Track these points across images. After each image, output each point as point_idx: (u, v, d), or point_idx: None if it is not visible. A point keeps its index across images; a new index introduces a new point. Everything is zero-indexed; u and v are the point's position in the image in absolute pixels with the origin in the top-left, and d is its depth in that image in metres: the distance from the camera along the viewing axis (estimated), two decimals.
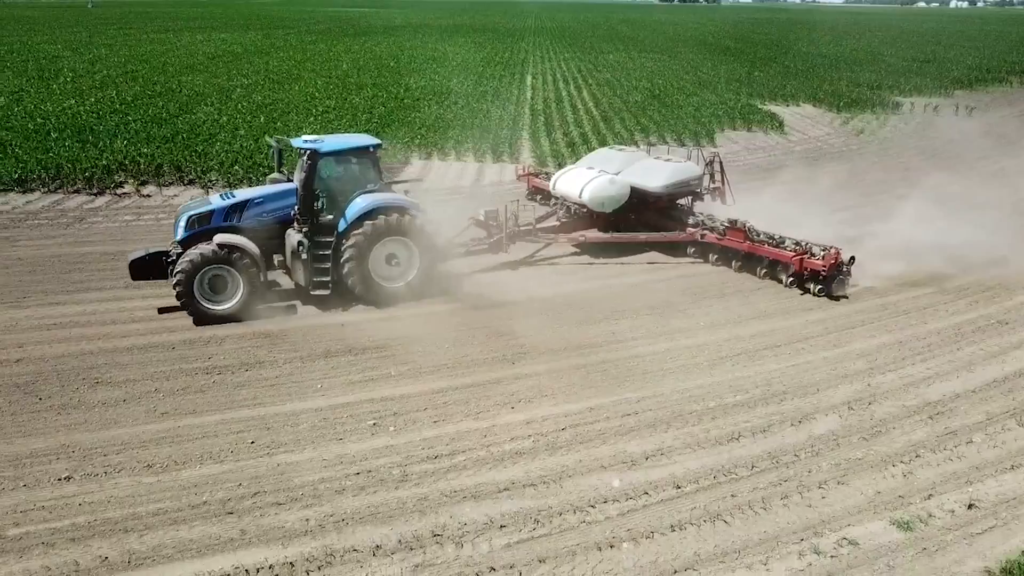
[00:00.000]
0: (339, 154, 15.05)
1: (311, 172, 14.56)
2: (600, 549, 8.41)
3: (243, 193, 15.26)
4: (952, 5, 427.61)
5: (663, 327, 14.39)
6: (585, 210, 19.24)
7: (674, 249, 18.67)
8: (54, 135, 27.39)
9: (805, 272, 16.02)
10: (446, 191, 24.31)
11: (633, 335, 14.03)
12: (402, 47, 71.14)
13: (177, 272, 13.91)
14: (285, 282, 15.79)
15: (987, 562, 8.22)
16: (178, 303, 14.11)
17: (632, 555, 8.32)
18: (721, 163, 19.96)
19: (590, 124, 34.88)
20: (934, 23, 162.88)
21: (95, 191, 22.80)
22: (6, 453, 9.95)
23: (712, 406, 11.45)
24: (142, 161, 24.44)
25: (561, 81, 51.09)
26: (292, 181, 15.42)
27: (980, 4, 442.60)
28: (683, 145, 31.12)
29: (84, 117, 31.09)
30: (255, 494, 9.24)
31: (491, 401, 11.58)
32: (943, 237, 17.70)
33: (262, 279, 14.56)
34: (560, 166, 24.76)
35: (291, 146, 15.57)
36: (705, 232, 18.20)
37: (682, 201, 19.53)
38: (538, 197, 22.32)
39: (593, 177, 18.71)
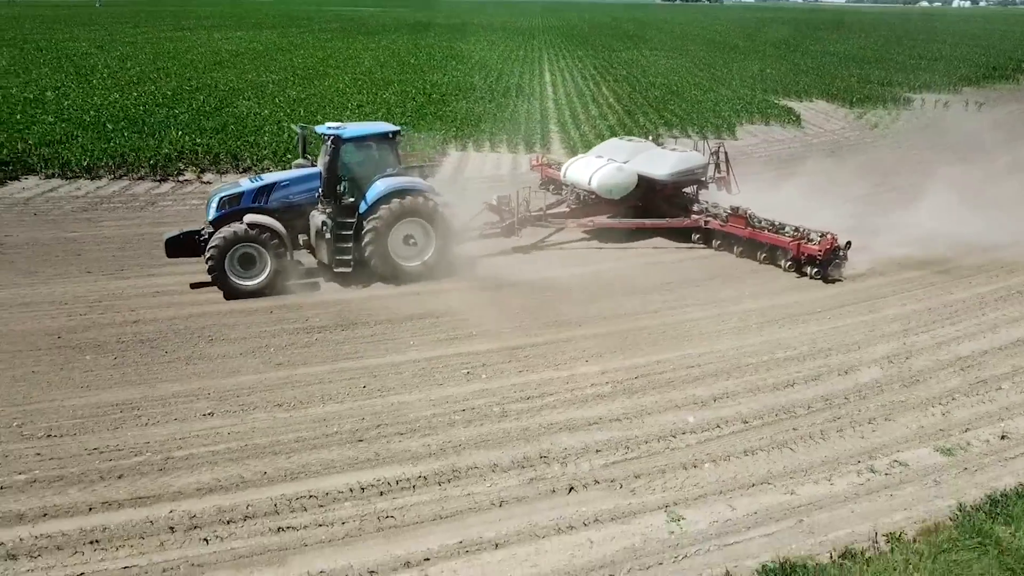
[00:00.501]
0: (360, 140, 15.96)
1: (334, 157, 15.58)
2: (685, 468, 9.75)
3: (271, 176, 16.42)
4: (955, 4, 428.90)
5: (711, 296, 15.72)
6: (594, 197, 19.86)
7: (677, 235, 19.51)
8: (110, 126, 28.78)
9: (802, 257, 16.85)
10: (487, 179, 25.62)
11: (684, 303, 15.37)
12: (418, 45, 72.46)
13: (209, 250, 14.91)
14: (308, 261, 16.72)
15: (1021, 478, 9.54)
16: (210, 278, 15.07)
17: (713, 472, 9.66)
18: (726, 154, 20.82)
19: (615, 117, 36.19)
20: (938, 22, 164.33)
21: (158, 178, 24.17)
22: (151, 395, 11.30)
23: (766, 359, 12.78)
24: (199, 150, 25.81)
25: (579, 78, 52.38)
26: (316, 166, 16.49)
27: (983, 3, 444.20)
28: (705, 138, 32.55)
29: (132, 110, 32.48)
30: (378, 426, 10.58)
31: (566, 355, 12.90)
32: (960, 221, 18.93)
33: (288, 257, 15.57)
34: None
35: (315, 133, 16.62)
36: (709, 219, 19.00)
37: (687, 189, 20.34)
38: (551, 186, 23.04)
39: (602, 165, 19.59)
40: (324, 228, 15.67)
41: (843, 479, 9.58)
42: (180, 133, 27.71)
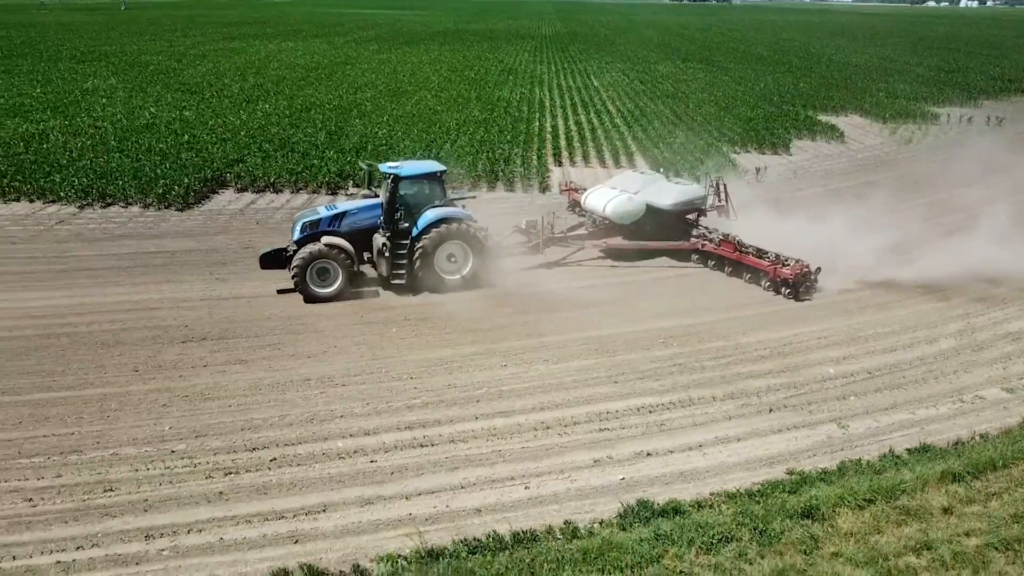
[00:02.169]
0: (414, 178, 19.77)
1: (393, 191, 19.37)
2: (838, 400, 14.80)
3: (343, 205, 20.41)
4: (962, 4, 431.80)
5: (774, 297, 20.45)
6: (608, 222, 23.14)
7: (679, 255, 22.86)
8: (266, 146, 33.86)
9: (778, 279, 20.04)
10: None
11: (774, 301, 20.27)
12: (466, 56, 77.40)
13: (294, 264, 18.83)
14: (370, 273, 20.60)
15: None
16: (293, 286, 19.04)
17: (857, 402, 14.70)
18: (725, 186, 24.16)
19: (683, 135, 41.01)
20: (947, 26, 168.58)
21: (331, 191, 29.22)
22: (359, 368, 16.35)
23: (870, 334, 17.81)
24: (352, 168, 30.86)
25: (632, 93, 57.06)
26: (378, 197, 20.48)
27: (990, 3, 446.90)
28: (763, 153, 37.64)
29: (271, 130, 37.51)
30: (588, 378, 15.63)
31: (712, 334, 17.84)
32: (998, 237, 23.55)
33: (355, 270, 19.57)
34: (675, 172, 31.06)
35: (378, 170, 20.69)
36: (704, 242, 22.35)
37: (690, 216, 23.64)
38: (577, 208, 25.98)
39: (616, 195, 22.98)
40: (384, 248, 19.48)
41: (942, 408, 14.62)
42: (334, 153, 32.76)
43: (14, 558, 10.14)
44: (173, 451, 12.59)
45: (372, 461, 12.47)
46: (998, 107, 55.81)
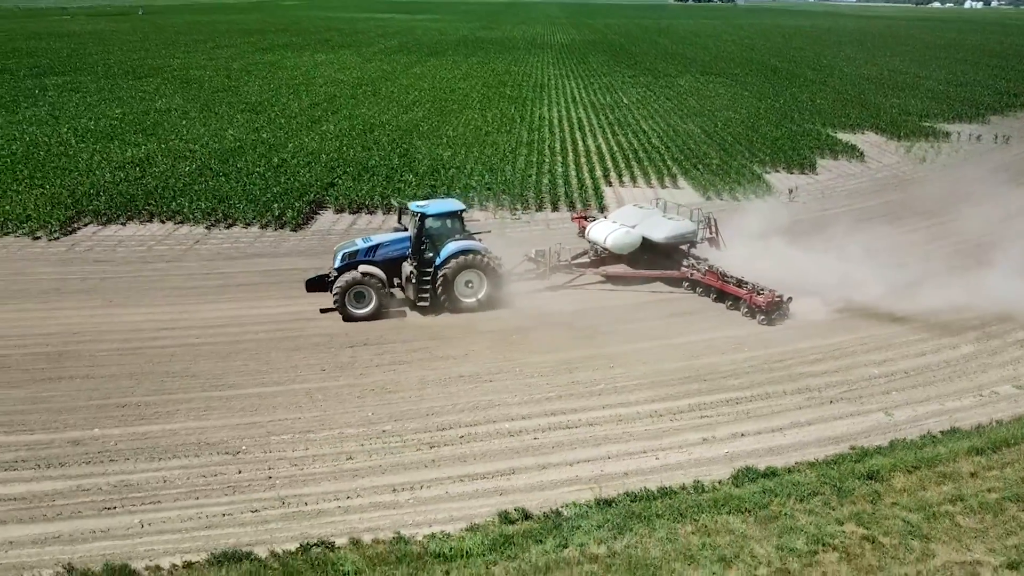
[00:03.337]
0: (439, 215, 23.01)
1: (420, 226, 22.64)
2: (883, 394, 18.71)
3: (377, 238, 23.59)
4: (967, 5, 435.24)
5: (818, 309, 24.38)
6: (608, 252, 26.30)
7: (671, 282, 25.53)
8: (349, 170, 37.82)
9: (753, 305, 22.72)
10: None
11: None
12: (494, 70, 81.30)
13: (336, 288, 22.00)
14: (399, 295, 23.82)
15: None
16: (334, 307, 22.16)
17: (898, 395, 18.63)
18: (715, 221, 26.99)
19: (717, 156, 44.73)
20: (953, 32, 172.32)
21: None
22: (432, 375, 20.26)
23: (902, 341, 21.66)
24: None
25: (661, 111, 60.81)
26: (407, 230, 23.71)
27: (995, 4, 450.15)
28: (791, 172, 41.57)
29: (347, 152, 41.43)
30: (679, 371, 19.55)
31: (774, 340, 21.73)
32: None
33: (387, 294, 22.78)
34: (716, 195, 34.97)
35: (408, 208, 23.93)
36: (693, 272, 25.05)
37: (684, 247, 26.38)
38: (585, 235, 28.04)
39: (615, 229, 25.96)
40: (411, 275, 22.82)
41: (967, 400, 18.55)
42: (411, 176, 36.72)
43: (306, 504, 14.12)
44: (384, 431, 16.58)
45: (535, 438, 16.42)
46: (1004, 123, 59.73)
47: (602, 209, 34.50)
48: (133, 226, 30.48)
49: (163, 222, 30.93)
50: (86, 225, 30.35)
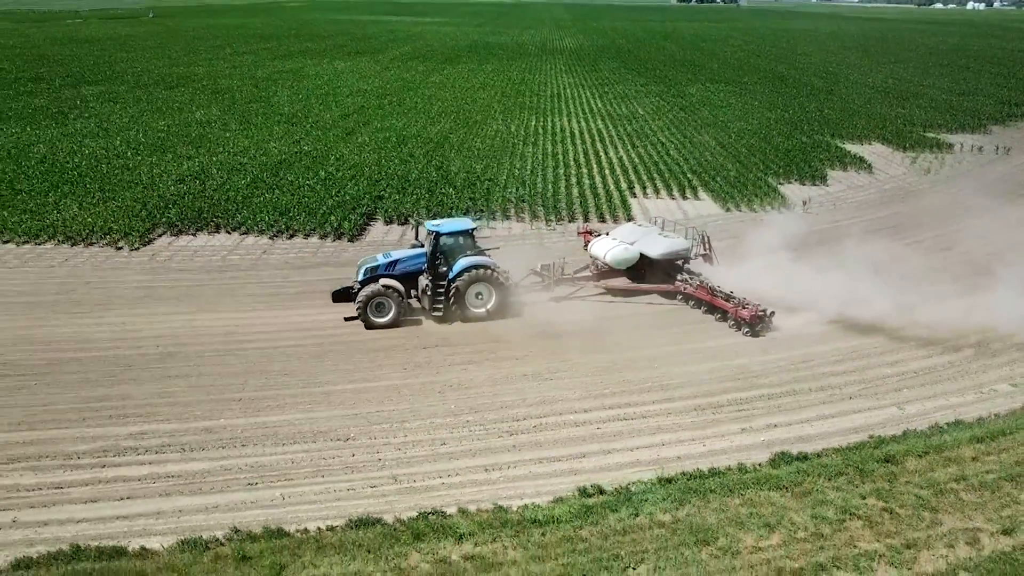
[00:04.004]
0: (452, 233, 25.34)
1: (435, 244, 25.06)
2: (895, 391, 21.39)
3: (397, 254, 25.63)
4: (969, 6, 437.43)
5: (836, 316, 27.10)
6: (607, 267, 28.41)
7: (666, 294, 27.64)
8: (393, 183, 40.51)
9: (739, 318, 24.73)
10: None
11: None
12: (509, 79, 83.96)
13: (358, 300, 24.21)
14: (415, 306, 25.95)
15: None
16: (357, 316, 24.32)
17: (910, 392, 21.32)
18: (708, 238, 29.46)
19: (735, 169, 47.18)
20: (956, 36, 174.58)
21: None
22: (490, 374, 22.93)
23: (915, 343, 24.30)
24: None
25: (676, 122, 63.34)
26: (423, 246, 25.80)
27: (997, 5, 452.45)
28: (803, 184, 44.20)
29: (386, 166, 44.08)
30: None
31: (798, 342, 24.40)
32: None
33: (405, 305, 25.05)
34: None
35: (424, 226, 26.19)
36: (686, 285, 27.28)
37: (679, 262, 28.36)
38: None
39: (615, 246, 28.22)
40: (427, 288, 25.03)
41: (969, 396, 21.24)
42: (450, 189, 39.41)
43: (414, 481, 16.86)
44: (467, 421, 19.30)
45: (598, 428, 19.13)
46: (1005, 134, 62.43)
47: (629, 219, 37.19)
48: (203, 236, 33.25)
49: (229, 233, 33.65)
50: (160, 236, 33.09)
